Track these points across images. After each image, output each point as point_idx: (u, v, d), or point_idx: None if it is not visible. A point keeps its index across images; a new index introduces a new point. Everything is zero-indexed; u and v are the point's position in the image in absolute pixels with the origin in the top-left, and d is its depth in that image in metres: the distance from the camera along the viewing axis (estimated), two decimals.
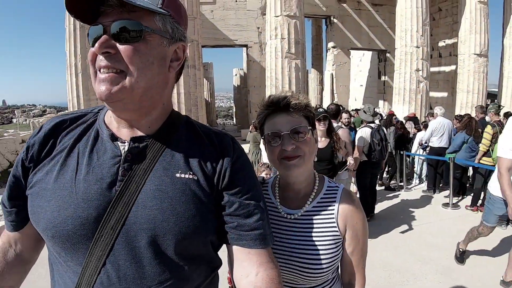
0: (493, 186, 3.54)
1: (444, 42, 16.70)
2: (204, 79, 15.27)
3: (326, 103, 18.09)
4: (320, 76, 20.64)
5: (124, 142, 0.87)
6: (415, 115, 10.36)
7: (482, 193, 6.08)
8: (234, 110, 24.60)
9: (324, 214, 1.21)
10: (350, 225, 1.20)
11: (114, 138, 0.88)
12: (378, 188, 7.19)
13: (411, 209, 6.22)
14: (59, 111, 22.42)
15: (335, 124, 5.11)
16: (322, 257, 1.17)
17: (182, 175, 0.86)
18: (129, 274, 0.80)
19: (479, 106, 8.25)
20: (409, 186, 8.10)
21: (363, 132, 5.52)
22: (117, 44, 0.78)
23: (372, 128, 5.57)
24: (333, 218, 1.20)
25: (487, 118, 7.27)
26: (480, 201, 6.14)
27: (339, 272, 1.31)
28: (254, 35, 15.29)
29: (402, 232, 5.16)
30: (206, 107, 11.82)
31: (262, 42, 14.80)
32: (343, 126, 5.66)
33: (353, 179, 5.36)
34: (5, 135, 14.10)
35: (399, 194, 7.44)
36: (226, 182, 0.91)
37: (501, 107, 6.21)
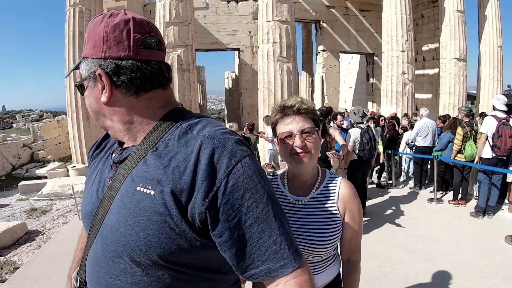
0: None
1: (428, 46, 17.27)
2: (197, 82, 15.44)
3: (317, 105, 18.43)
4: (311, 79, 20.93)
5: (116, 153, 0.99)
6: (396, 115, 10.72)
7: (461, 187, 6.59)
8: (225, 112, 24.72)
9: (326, 200, 1.45)
10: (348, 209, 1.43)
11: (118, 147, 1.01)
12: (369, 186, 7.58)
13: (399, 205, 6.58)
14: (55, 116, 22.35)
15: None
16: (326, 235, 1.40)
17: (142, 189, 0.84)
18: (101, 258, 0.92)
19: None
20: (397, 184, 8.47)
21: (353, 132, 5.76)
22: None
23: (361, 128, 5.88)
24: (334, 203, 1.43)
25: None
26: (460, 195, 6.60)
27: (338, 251, 1.56)
28: (246, 39, 15.53)
29: (391, 226, 5.51)
30: (199, 110, 12.06)
31: (253, 46, 15.08)
32: (334, 126, 5.97)
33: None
34: (8, 139, 14.18)
35: (389, 191, 7.78)
36: (211, 207, 0.83)
37: (472, 111, 6.64)
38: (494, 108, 5.83)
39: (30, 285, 3.96)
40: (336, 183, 1.48)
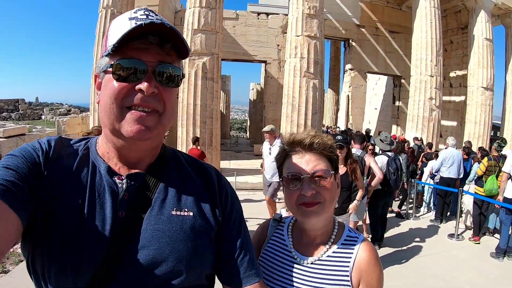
0: None
1: (455, 73, 16.96)
2: (221, 91, 15.50)
3: (341, 124, 18.25)
4: (336, 97, 20.79)
5: (122, 179, 0.85)
6: (404, 139, 10.55)
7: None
8: (248, 123, 24.76)
9: (338, 266, 1.11)
10: (364, 280, 1.09)
11: (111, 172, 0.85)
12: (388, 215, 7.28)
13: (419, 238, 6.31)
14: (82, 111, 22.86)
15: (359, 152, 5.22)
16: None
17: (178, 213, 0.85)
18: None
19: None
20: (418, 214, 8.16)
21: (380, 161, 5.58)
22: (159, 85, 0.80)
23: (389, 156, 5.66)
24: (347, 272, 1.09)
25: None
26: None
27: None
28: (274, 52, 15.51)
29: (410, 262, 5.26)
30: (221, 119, 12.03)
31: (281, 59, 15.02)
32: (369, 153, 5.74)
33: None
34: (33, 130, 14.54)
35: (408, 222, 7.52)
36: (221, 219, 0.93)
37: (503, 146, 6.60)
38: None
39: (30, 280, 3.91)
40: (354, 244, 1.14)
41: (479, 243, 6.21)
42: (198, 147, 7.61)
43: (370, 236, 5.73)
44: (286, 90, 10.51)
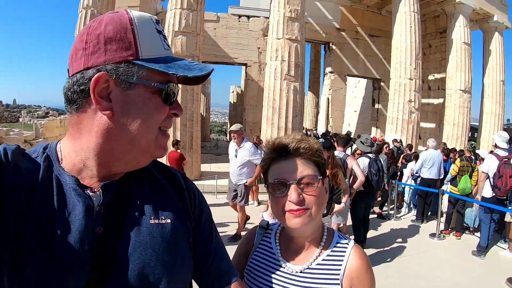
0: None
1: (434, 76, 17.42)
2: (201, 94, 15.37)
3: (321, 126, 18.37)
4: (316, 100, 20.92)
5: (95, 191, 0.76)
6: (384, 141, 10.71)
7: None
8: (228, 126, 24.65)
9: (328, 274, 1.06)
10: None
11: (82, 186, 0.75)
12: (370, 216, 7.32)
13: (401, 238, 6.35)
14: (60, 114, 22.33)
15: (341, 154, 5.20)
16: None
17: (156, 221, 0.80)
18: None
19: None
20: (399, 215, 8.24)
21: (361, 162, 5.58)
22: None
23: (370, 158, 5.68)
24: (337, 280, 1.04)
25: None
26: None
27: None
28: (254, 55, 15.47)
29: (393, 262, 5.28)
30: (201, 122, 11.92)
31: (261, 62, 14.98)
32: (351, 156, 5.70)
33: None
34: (11, 133, 14.09)
35: (389, 222, 7.58)
36: (193, 222, 0.90)
37: (475, 147, 7.09)
38: (496, 146, 5.79)
39: None
40: (344, 251, 1.09)
41: (459, 238, 6.47)
42: (178, 150, 7.47)
43: (353, 237, 5.73)
44: (266, 93, 10.46)
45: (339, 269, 1.05)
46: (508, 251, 5.74)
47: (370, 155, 5.76)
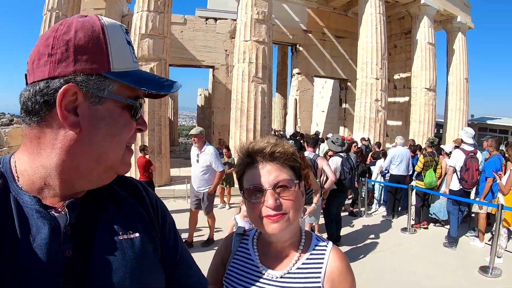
0: None
1: (399, 75, 17.90)
2: (169, 97, 15.09)
3: (289, 127, 18.47)
4: (284, 101, 21.07)
5: (59, 211, 0.68)
6: (353, 140, 10.90)
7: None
8: None
9: (308, 278, 1.04)
10: None
11: (44, 206, 0.67)
12: (342, 214, 7.39)
13: (373, 234, 6.45)
14: None
15: (311, 154, 5.20)
16: None
17: (125, 237, 0.75)
18: None
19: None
20: (370, 212, 8.37)
21: (334, 162, 5.61)
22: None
23: (342, 157, 5.72)
24: (319, 282, 1.03)
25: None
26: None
27: None
28: (222, 57, 15.35)
29: (367, 258, 5.34)
30: (169, 126, 11.71)
31: (229, 65, 14.89)
32: (321, 156, 5.72)
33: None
34: None
35: (361, 219, 7.68)
36: (159, 232, 0.87)
37: (434, 142, 7.31)
38: (462, 141, 6.00)
39: None
40: (324, 253, 1.07)
41: (427, 228, 6.89)
42: (146, 156, 7.26)
43: (326, 235, 5.74)
44: (234, 95, 10.45)
45: (320, 272, 1.04)
46: (478, 240, 5.92)
47: (342, 154, 5.80)
